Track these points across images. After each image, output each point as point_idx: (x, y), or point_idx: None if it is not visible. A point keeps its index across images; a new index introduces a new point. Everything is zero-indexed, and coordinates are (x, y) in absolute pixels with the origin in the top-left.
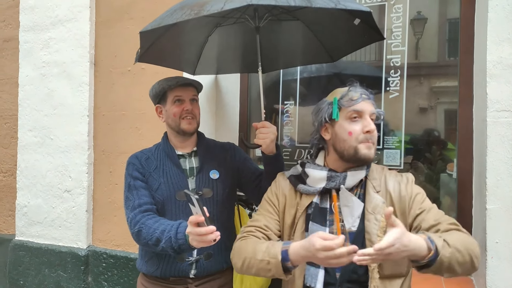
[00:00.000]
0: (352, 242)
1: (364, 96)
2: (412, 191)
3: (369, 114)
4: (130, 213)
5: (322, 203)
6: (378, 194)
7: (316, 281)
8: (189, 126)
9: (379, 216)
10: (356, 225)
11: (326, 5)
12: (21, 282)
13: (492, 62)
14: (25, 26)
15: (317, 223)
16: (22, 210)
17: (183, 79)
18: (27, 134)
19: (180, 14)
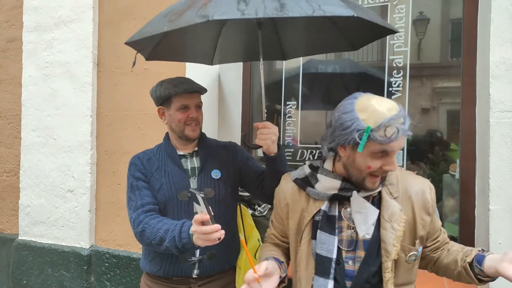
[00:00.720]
0: (367, 250)
1: (399, 134)
2: (434, 203)
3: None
4: (133, 213)
5: (330, 211)
6: (395, 201)
7: None
8: (193, 133)
9: (395, 225)
10: (370, 233)
11: (303, 13)
12: (24, 281)
13: (495, 62)
14: (28, 27)
15: (325, 232)
16: (25, 210)
17: (190, 86)
18: (30, 134)
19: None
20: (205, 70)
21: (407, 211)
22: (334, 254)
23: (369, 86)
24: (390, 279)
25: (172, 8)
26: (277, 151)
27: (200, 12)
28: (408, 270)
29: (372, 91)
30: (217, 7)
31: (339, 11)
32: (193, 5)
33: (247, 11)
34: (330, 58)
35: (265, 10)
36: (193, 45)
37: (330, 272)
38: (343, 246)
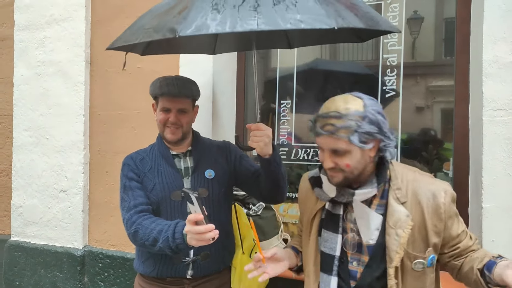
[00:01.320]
0: (371, 256)
1: (321, 133)
2: (451, 209)
3: (328, 150)
4: (126, 214)
5: (334, 210)
6: (402, 206)
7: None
8: (172, 136)
9: (400, 231)
10: (374, 238)
11: (278, 27)
12: (17, 282)
13: (488, 61)
14: (20, 25)
15: (329, 230)
16: (18, 210)
17: (173, 89)
18: (23, 133)
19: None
20: (198, 70)
21: (416, 217)
22: (337, 252)
23: (363, 85)
24: (393, 286)
25: (155, 8)
26: (272, 153)
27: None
28: (417, 278)
29: (366, 90)
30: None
31: (318, 24)
32: (172, 9)
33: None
34: (324, 56)
35: (238, 22)
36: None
37: (333, 269)
38: (348, 248)
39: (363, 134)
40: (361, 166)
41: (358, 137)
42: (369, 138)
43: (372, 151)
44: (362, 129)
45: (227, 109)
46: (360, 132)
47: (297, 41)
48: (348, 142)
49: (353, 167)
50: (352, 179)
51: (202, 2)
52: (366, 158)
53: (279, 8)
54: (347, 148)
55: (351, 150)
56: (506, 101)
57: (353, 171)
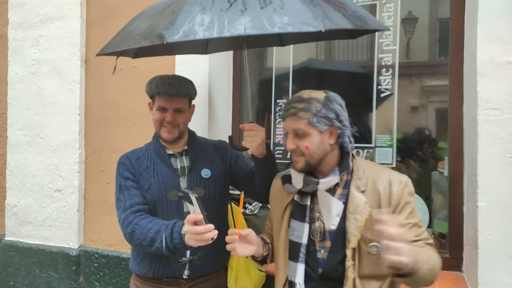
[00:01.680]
0: (333, 240)
1: (285, 114)
2: (403, 197)
3: (291, 132)
4: (122, 213)
5: (302, 201)
6: (362, 194)
7: (296, 275)
8: (168, 135)
9: (358, 216)
10: (335, 224)
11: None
12: (11, 283)
13: (482, 61)
14: (14, 24)
15: (296, 219)
16: (12, 210)
17: (170, 89)
18: (17, 133)
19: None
20: (194, 68)
21: (374, 204)
22: (304, 240)
23: (359, 84)
24: (350, 267)
25: (149, 9)
26: (266, 152)
27: (159, 31)
28: (373, 262)
29: (361, 90)
30: (176, 26)
31: (305, 27)
32: (163, 12)
33: (204, 30)
34: (320, 56)
35: (225, 27)
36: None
37: (299, 256)
38: (315, 236)
39: (321, 118)
40: (321, 152)
41: (316, 119)
42: (327, 123)
43: (331, 139)
44: (320, 113)
45: (223, 108)
46: (319, 116)
47: (289, 39)
48: (307, 123)
49: (312, 151)
50: (313, 164)
51: (190, 7)
52: (326, 145)
53: (267, 11)
54: (306, 130)
55: (310, 132)
56: (500, 100)
57: (312, 155)
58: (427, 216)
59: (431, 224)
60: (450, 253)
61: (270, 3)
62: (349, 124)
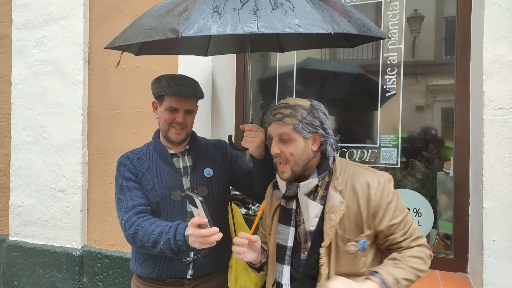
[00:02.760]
0: (312, 240)
1: (271, 119)
2: (382, 199)
3: (276, 136)
4: (124, 215)
5: (287, 205)
6: (339, 193)
7: (282, 277)
8: (177, 136)
9: (332, 216)
10: (314, 225)
11: (277, 30)
12: (15, 282)
13: (488, 60)
14: (18, 24)
15: (282, 223)
16: (16, 210)
17: (183, 89)
18: (21, 133)
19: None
20: (198, 67)
21: (351, 204)
22: (289, 243)
23: (363, 84)
24: (324, 264)
25: (154, 10)
26: (265, 154)
27: (173, 25)
28: (350, 260)
29: (367, 89)
30: (190, 21)
31: (315, 29)
32: (172, 11)
33: (219, 27)
34: (324, 56)
35: (239, 24)
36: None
37: (285, 258)
38: (301, 238)
39: (306, 125)
40: (305, 158)
41: (301, 126)
42: (311, 130)
43: (314, 145)
44: (306, 120)
45: (226, 107)
46: (304, 123)
47: (289, 45)
48: (292, 129)
49: (296, 157)
50: (299, 172)
51: (203, 5)
52: (309, 152)
53: (278, 13)
54: (291, 135)
55: (295, 138)
56: (506, 100)
57: (297, 161)
58: (432, 217)
59: (436, 225)
60: (455, 254)
61: (281, 5)
62: (332, 132)
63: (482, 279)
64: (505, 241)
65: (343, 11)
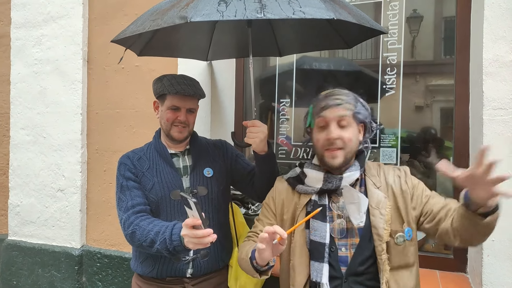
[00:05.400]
0: (361, 237)
1: (331, 103)
2: (412, 184)
3: (335, 120)
4: (124, 214)
5: (320, 200)
6: (379, 190)
7: (321, 276)
8: (179, 135)
9: (383, 211)
10: (363, 221)
11: (283, 15)
12: (14, 282)
13: (488, 60)
14: (16, 23)
15: (317, 219)
16: (15, 210)
17: (185, 89)
18: (20, 132)
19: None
20: (197, 67)
21: (390, 198)
22: (327, 240)
23: (363, 83)
24: (385, 260)
25: (158, 6)
26: (267, 150)
27: (181, 13)
28: (400, 253)
29: (366, 89)
30: (198, 9)
31: (319, 14)
32: (177, 4)
33: (226, 13)
34: (324, 55)
35: (245, 11)
36: (187, 40)
37: (324, 256)
38: (335, 234)
39: (359, 114)
40: (355, 147)
41: (357, 114)
42: (361, 119)
43: (360, 135)
44: (358, 109)
45: (226, 106)
46: (358, 112)
47: (287, 49)
48: (352, 114)
49: (353, 143)
50: (348, 159)
51: None
52: (357, 141)
53: (282, 1)
54: (350, 120)
55: (352, 124)
56: (506, 100)
57: (351, 149)
58: None
59: None
60: (454, 254)
61: None
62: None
63: (481, 279)
64: (505, 241)
65: (342, 5)
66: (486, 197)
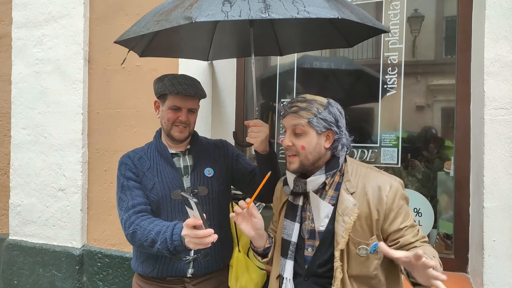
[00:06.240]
0: (321, 240)
1: (287, 111)
2: (394, 203)
3: (290, 128)
4: (124, 214)
5: (295, 201)
6: (351, 196)
7: (284, 270)
8: (180, 135)
9: (346, 218)
10: (324, 225)
11: (287, 15)
12: (15, 282)
13: (489, 60)
14: (18, 23)
15: (288, 219)
16: (16, 209)
17: (186, 89)
18: (21, 132)
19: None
20: (198, 67)
21: (363, 206)
22: (294, 238)
23: (364, 83)
24: (338, 267)
25: (161, 7)
26: (269, 149)
27: (185, 14)
28: (362, 263)
29: (367, 88)
30: (202, 9)
31: (323, 13)
32: (181, 4)
33: (231, 13)
34: (325, 55)
35: (249, 11)
36: (188, 41)
37: (288, 253)
38: (304, 235)
39: (321, 120)
40: (316, 154)
41: (316, 121)
42: (325, 126)
43: (327, 142)
44: (321, 115)
45: (226, 106)
46: (319, 118)
47: (287, 48)
48: (307, 122)
49: (307, 151)
50: (307, 166)
51: None
52: (321, 148)
53: (286, 1)
54: (305, 129)
55: (308, 132)
56: (507, 100)
57: (307, 156)
58: (432, 216)
59: (436, 225)
60: (455, 254)
61: None
62: (346, 132)
63: (482, 279)
64: (506, 241)
65: (345, 4)
66: (423, 281)
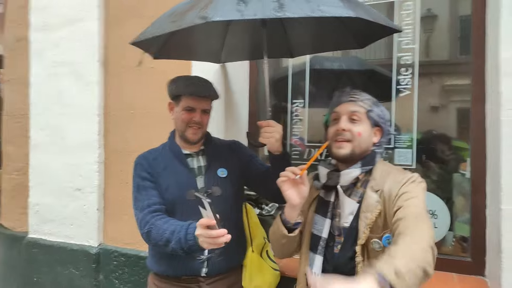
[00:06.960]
0: (345, 237)
1: (344, 99)
2: (400, 190)
3: (347, 114)
4: (140, 213)
5: (326, 196)
6: (376, 194)
7: (313, 265)
8: (193, 136)
9: (368, 214)
10: (348, 222)
11: (302, 14)
12: (35, 279)
13: (506, 59)
14: (35, 26)
15: (319, 214)
16: (34, 208)
17: (200, 90)
18: (39, 133)
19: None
20: (211, 68)
21: (381, 203)
22: (324, 234)
23: (377, 84)
24: (360, 263)
25: (175, 8)
26: (282, 150)
27: (201, 14)
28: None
29: (380, 89)
30: (217, 9)
31: (338, 12)
32: (196, 5)
33: (246, 12)
34: (337, 55)
35: (264, 11)
36: (200, 43)
37: (318, 248)
38: (335, 231)
39: (376, 115)
40: (366, 145)
41: (372, 114)
42: (377, 122)
43: (376, 138)
44: (373, 112)
45: (239, 107)
46: (374, 112)
47: (298, 50)
48: (365, 112)
49: (362, 139)
50: (356, 155)
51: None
52: (370, 142)
53: (300, 1)
54: (362, 117)
55: (364, 121)
56: None
57: (360, 144)
58: (448, 218)
59: (452, 227)
60: (472, 257)
61: None
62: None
63: (500, 283)
64: None
65: (357, 4)
66: None
